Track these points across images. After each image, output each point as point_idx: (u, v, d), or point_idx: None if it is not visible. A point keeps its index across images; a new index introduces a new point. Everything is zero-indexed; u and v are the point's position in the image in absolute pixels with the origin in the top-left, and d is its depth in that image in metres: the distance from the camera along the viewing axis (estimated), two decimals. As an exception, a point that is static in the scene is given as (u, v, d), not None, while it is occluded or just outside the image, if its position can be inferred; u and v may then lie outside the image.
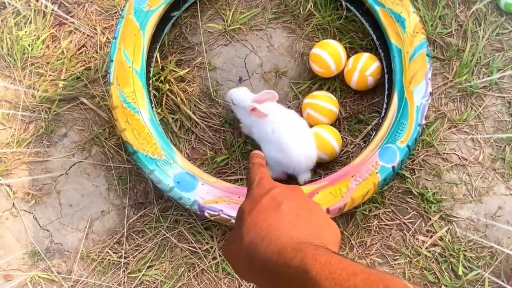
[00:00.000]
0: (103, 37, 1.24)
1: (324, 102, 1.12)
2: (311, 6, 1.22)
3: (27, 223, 1.10)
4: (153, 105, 1.13)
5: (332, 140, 1.07)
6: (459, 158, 1.14)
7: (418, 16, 1.11)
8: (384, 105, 1.14)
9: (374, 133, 1.10)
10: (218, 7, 1.25)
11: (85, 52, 1.24)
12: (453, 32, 1.22)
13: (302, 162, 1.02)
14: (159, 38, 1.20)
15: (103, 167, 1.14)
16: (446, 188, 1.11)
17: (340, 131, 1.15)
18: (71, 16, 1.28)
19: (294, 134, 1.03)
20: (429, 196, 1.09)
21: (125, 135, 1.02)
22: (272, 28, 1.24)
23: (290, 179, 1.07)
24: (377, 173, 0.99)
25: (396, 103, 1.05)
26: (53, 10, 1.26)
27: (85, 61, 1.23)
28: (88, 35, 1.26)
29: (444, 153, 1.14)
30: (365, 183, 0.99)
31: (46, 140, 1.15)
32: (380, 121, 1.12)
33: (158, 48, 1.20)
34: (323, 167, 1.13)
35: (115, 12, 1.26)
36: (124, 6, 1.13)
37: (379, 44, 1.18)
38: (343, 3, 1.21)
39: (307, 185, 1.01)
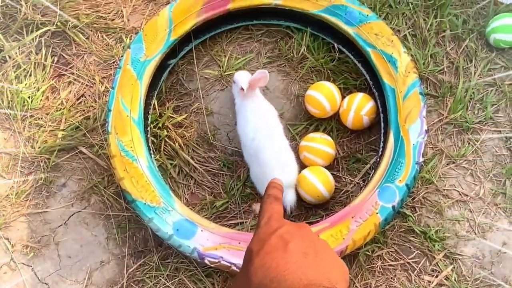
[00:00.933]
0: (101, 87, 1.27)
1: (320, 145, 1.12)
2: (304, 49, 1.25)
3: (25, 277, 1.08)
4: (151, 151, 1.14)
5: (317, 182, 1.07)
6: (460, 194, 1.13)
7: (409, 55, 1.13)
8: (381, 144, 1.14)
9: (373, 172, 1.10)
10: (214, 54, 1.28)
11: (84, 101, 1.26)
12: (445, 69, 1.24)
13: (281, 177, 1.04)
14: (157, 86, 1.22)
15: (102, 216, 1.13)
16: (449, 225, 1.10)
17: (338, 170, 1.15)
18: (70, 67, 1.31)
19: (274, 147, 1.06)
20: (432, 234, 1.08)
21: (123, 183, 1.02)
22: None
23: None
24: (377, 213, 0.99)
25: (392, 142, 1.06)
26: (52, 62, 1.29)
27: (84, 110, 1.25)
28: (87, 85, 1.28)
29: (444, 190, 1.13)
30: (366, 224, 0.98)
31: (45, 191, 1.15)
32: (378, 159, 1.13)
33: (155, 95, 1.22)
34: (323, 208, 1.12)
35: (113, 62, 1.29)
36: (122, 56, 1.15)
37: (372, 84, 1.20)
38: (336, 45, 1.24)
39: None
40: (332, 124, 1.20)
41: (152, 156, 1.14)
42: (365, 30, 1.16)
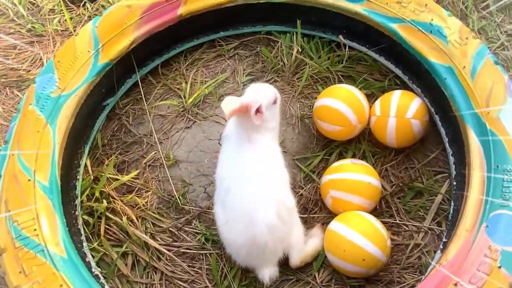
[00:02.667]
0: (10, 158, 0.84)
1: (354, 175, 0.69)
2: (298, 51, 0.86)
3: None
4: (82, 238, 0.68)
5: (360, 238, 0.62)
6: None
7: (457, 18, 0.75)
8: (452, 156, 0.71)
9: (454, 203, 0.66)
10: (170, 82, 0.89)
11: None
12: (505, 44, 0.86)
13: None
14: (87, 138, 0.80)
15: None
16: None
17: (391, 215, 0.70)
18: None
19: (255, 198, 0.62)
20: None
21: (20, 299, 0.55)
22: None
23: None
24: (499, 267, 0.52)
25: (477, 144, 0.63)
26: None
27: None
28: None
29: None
30: (485, 293, 0.51)
31: None
32: (454, 182, 0.68)
33: (87, 152, 0.79)
34: (380, 281, 0.65)
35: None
36: (22, 96, 0.75)
37: (409, 77, 0.80)
38: (340, 38, 0.86)
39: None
40: (362, 146, 0.77)
41: (85, 245, 0.68)
42: (381, 1, 0.79)
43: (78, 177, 0.75)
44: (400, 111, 0.72)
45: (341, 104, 0.73)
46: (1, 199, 0.62)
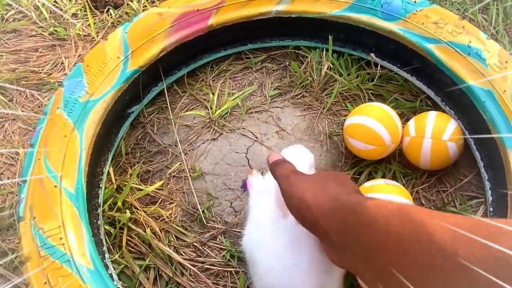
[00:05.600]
0: (28, 162, 0.81)
1: (388, 196, 0.66)
2: (328, 68, 0.85)
3: None
4: (104, 249, 0.66)
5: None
6: None
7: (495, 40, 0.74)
8: (488, 182, 0.69)
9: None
10: (196, 92, 0.87)
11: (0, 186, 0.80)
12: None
13: None
14: (111, 145, 0.78)
15: None
16: None
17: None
18: (-18, 142, 0.86)
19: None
20: None
21: (44, 312, 0.52)
22: (278, 107, 0.85)
23: None
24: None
25: (519, 169, 0.61)
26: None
27: (-3, 200, 0.78)
28: (5, 163, 0.83)
29: None
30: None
31: None
32: (491, 208, 0.67)
33: (110, 159, 0.77)
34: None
35: (46, 124, 0.86)
36: (48, 100, 0.73)
37: (441, 100, 0.79)
38: (371, 56, 0.85)
39: None
40: (393, 166, 0.75)
41: (107, 256, 0.65)
42: (417, 20, 0.78)
43: (100, 185, 0.72)
44: (436, 133, 0.70)
45: (375, 123, 0.72)
46: (26, 205, 0.60)
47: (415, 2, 0.80)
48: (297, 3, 0.84)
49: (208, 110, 0.84)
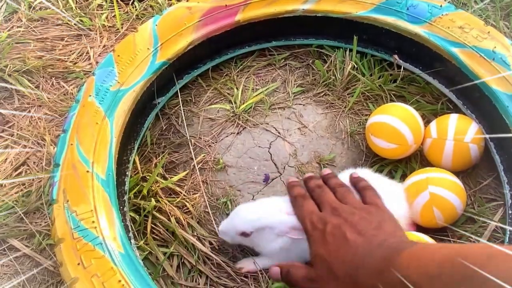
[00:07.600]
0: (53, 149, 0.83)
1: (449, 194, 0.67)
2: (352, 67, 0.86)
3: None
4: (130, 235, 0.67)
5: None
6: None
7: (519, 48, 0.75)
8: (507, 185, 0.71)
9: (510, 232, 0.65)
10: (220, 86, 0.88)
11: (26, 171, 0.81)
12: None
13: None
14: (137, 135, 0.79)
15: None
16: None
17: (443, 240, 0.69)
18: (9, 127, 0.88)
19: None
20: None
21: (77, 291, 0.53)
22: (300, 104, 0.86)
23: None
24: None
25: (542, 174, 0.62)
26: (-20, 118, 0.87)
27: (24, 185, 0.79)
28: (31, 149, 0.85)
29: None
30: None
31: None
32: (510, 211, 0.68)
33: (136, 148, 0.78)
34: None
35: (73, 111, 0.87)
36: (80, 87, 0.74)
37: (463, 103, 0.80)
38: (394, 57, 0.86)
39: None
40: (413, 165, 0.77)
41: (133, 242, 0.67)
42: (442, 24, 0.79)
43: (127, 173, 0.74)
44: (458, 135, 0.72)
45: (398, 122, 0.73)
46: (59, 188, 0.61)
47: (441, 6, 0.81)
48: (323, 2, 0.86)
49: (232, 104, 0.85)
